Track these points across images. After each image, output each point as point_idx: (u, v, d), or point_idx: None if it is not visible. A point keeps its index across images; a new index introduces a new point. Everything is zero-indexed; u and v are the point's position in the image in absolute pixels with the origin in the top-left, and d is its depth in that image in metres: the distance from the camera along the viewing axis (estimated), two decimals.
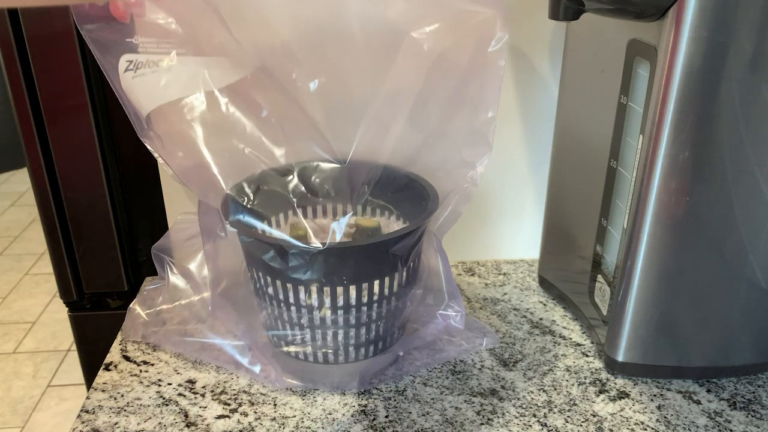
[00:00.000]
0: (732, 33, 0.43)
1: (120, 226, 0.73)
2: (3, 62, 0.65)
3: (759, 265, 0.51)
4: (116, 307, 0.76)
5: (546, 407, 0.52)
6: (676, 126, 0.46)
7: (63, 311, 0.76)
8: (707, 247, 0.50)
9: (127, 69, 0.51)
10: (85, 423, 0.50)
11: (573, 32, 0.58)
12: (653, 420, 0.51)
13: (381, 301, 0.52)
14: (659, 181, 0.48)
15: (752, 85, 0.45)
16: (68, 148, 0.68)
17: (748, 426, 0.50)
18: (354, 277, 0.50)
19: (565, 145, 0.62)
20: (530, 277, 0.71)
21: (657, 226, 0.49)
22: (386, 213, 0.59)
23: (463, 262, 0.74)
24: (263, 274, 0.51)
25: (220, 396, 0.53)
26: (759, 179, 0.48)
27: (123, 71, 0.51)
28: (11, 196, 2.70)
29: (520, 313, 0.65)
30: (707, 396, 0.53)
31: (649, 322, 0.53)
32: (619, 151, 0.53)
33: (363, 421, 0.50)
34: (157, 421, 0.50)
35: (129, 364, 0.57)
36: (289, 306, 0.51)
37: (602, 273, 0.57)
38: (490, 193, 0.71)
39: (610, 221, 0.55)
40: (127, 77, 0.51)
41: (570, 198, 0.62)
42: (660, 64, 0.45)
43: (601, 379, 0.55)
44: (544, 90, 0.67)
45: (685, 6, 0.43)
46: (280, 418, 0.51)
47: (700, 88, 0.45)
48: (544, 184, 0.66)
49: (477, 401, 0.53)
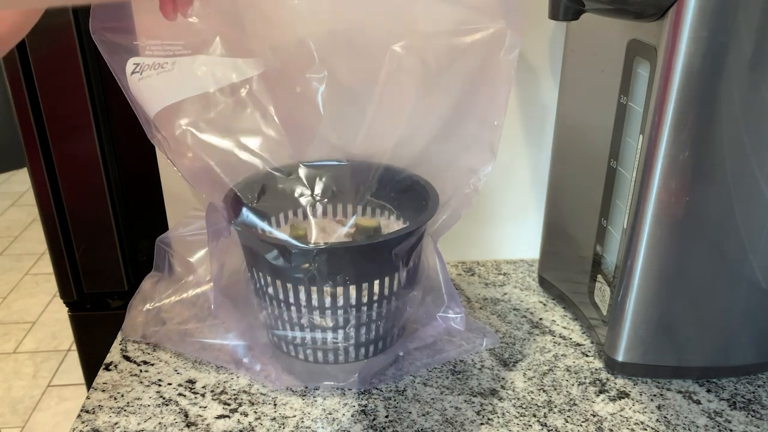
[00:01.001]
0: (732, 33, 0.43)
1: (120, 226, 0.73)
2: (3, 64, 0.65)
3: (759, 265, 0.50)
4: (116, 307, 0.76)
5: (546, 407, 0.52)
6: (676, 126, 0.46)
7: (63, 311, 0.76)
8: (707, 247, 0.50)
9: (134, 72, 0.51)
10: (85, 423, 0.50)
11: (573, 32, 0.58)
12: (653, 420, 0.51)
13: (381, 301, 0.52)
14: (659, 181, 0.48)
15: (752, 85, 0.45)
16: (68, 148, 0.68)
17: (748, 426, 0.50)
18: (354, 277, 0.50)
19: (565, 145, 0.62)
20: (530, 277, 0.71)
21: (657, 226, 0.49)
22: (386, 213, 0.59)
23: (463, 262, 0.74)
24: (263, 274, 0.51)
25: (220, 396, 0.53)
26: (759, 179, 0.48)
27: (130, 74, 0.51)
28: (11, 196, 2.70)
29: (520, 313, 0.65)
30: (707, 396, 0.53)
31: (649, 322, 0.53)
32: (619, 151, 0.53)
33: (363, 421, 0.50)
34: (157, 421, 0.50)
35: (129, 364, 0.57)
36: (290, 306, 0.51)
37: (602, 273, 0.57)
38: (491, 193, 0.71)
39: (610, 221, 0.55)
40: (134, 80, 0.51)
41: (570, 198, 0.62)
42: (660, 64, 0.45)
43: (601, 379, 0.55)
44: (544, 90, 0.67)
45: (685, 6, 0.43)
46: (280, 418, 0.51)
47: (700, 88, 0.45)
48: (544, 184, 0.66)
49: (477, 401, 0.53)
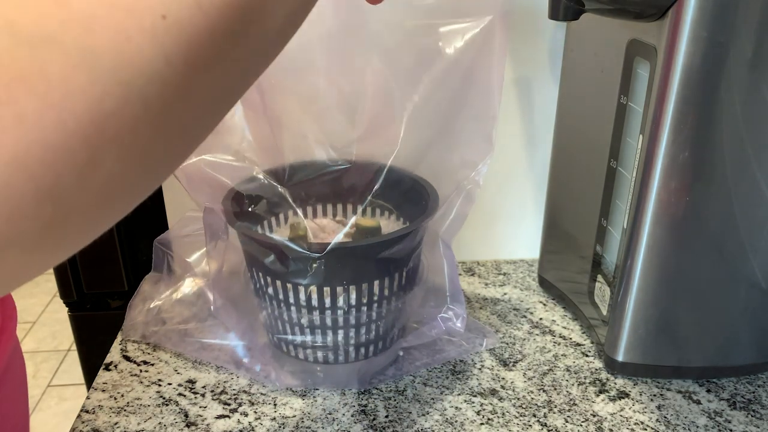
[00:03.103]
0: (732, 33, 0.43)
1: (120, 226, 0.73)
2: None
3: (759, 265, 0.50)
4: (116, 307, 0.76)
5: (546, 407, 0.52)
6: (675, 126, 0.46)
7: (63, 311, 0.76)
8: (707, 247, 0.50)
9: None
10: (85, 423, 0.50)
11: (573, 32, 0.58)
12: (653, 420, 0.51)
13: (381, 301, 0.52)
14: (659, 181, 0.48)
15: (752, 85, 0.45)
16: None
17: (748, 426, 0.50)
18: (354, 277, 0.50)
19: (565, 145, 0.62)
20: (530, 277, 0.71)
21: (657, 226, 0.49)
22: (386, 213, 0.59)
23: (463, 262, 0.74)
24: (263, 275, 0.51)
25: (220, 396, 0.53)
26: (759, 179, 0.48)
27: None
28: None
29: (520, 313, 0.65)
30: (707, 396, 0.53)
31: (649, 322, 0.53)
32: (619, 151, 0.53)
33: (363, 421, 0.50)
34: (157, 421, 0.50)
35: (129, 364, 0.57)
36: (289, 306, 0.51)
37: (602, 273, 0.57)
38: (491, 193, 0.71)
39: (610, 221, 0.55)
40: None
41: (570, 198, 0.62)
42: (660, 64, 0.45)
43: (601, 379, 0.55)
44: (544, 90, 0.67)
45: (684, 6, 0.43)
46: (280, 418, 0.51)
47: (700, 88, 0.45)
48: (544, 184, 0.66)
49: (477, 401, 0.53)
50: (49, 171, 0.19)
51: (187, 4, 0.20)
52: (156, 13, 0.20)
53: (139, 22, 0.20)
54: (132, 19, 0.19)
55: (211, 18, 0.21)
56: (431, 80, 0.53)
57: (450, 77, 0.53)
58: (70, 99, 0.18)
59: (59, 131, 0.18)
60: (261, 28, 0.23)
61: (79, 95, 0.19)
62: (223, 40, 0.21)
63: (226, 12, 0.21)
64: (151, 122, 0.21)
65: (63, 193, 0.19)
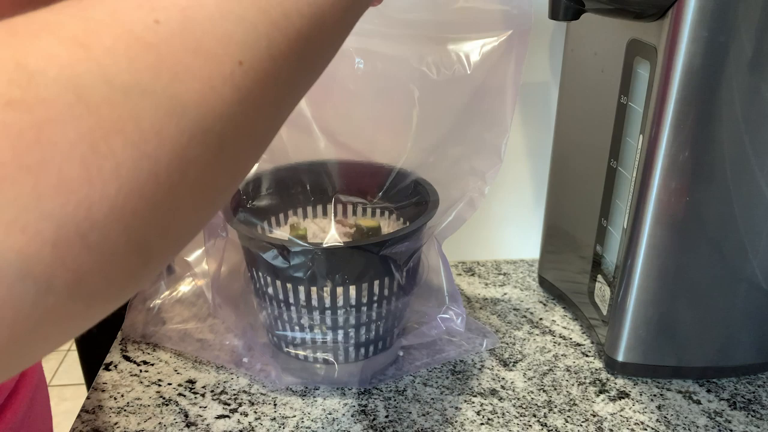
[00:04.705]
0: (732, 33, 0.43)
1: None
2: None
3: (759, 265, 0.50)
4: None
5: (546, 407, 0.52)
6: (675, 126, 0.46)
7: None
8: (707, 247, 0.50)
9: None
10: (85, 423, 0.50)
11: (573, 32, 0.58)
12: (653, 420, 0.51)
13: (381, 301, 0.52)
14: (659, 181, 0.48)
15: (752, 85, 0.45)
16: None
17: (748, 426, 0.50)
18: (353, 277, 0.50)
19: (565, 145, 0.62)
20: (530, 277, 0.71)
21: (657, 226, 0.49)
22: (386, 213, 0.59)
23: (463, 262, 0.74)
24: (263, 274, 0.51)
25: (220, 396, 0.53)
26: (759, 179, 0.48)
27: None
28: None
29: (520, 313, 0.65)
30: (707, 396, 0.53)
31: (649, 322, 0.53)
32: (619, 151, 0.53)
33: (363, 421, 0.50)
34: (157, 421, 0.50)
35: (129, 364, 0.57)
36: (289, 306, 0.51)
37: (602, 273, 0.57)
38: (491, 193, 0.71)
39: (610, 221, 0.55)
40: None
41: (570, 198, 0.62)
42: (660, 64, 0.45)
43: (601, 379, 0.55)
44: (544, 90, 0.67)
45: (685, 6, 0.43)
46: (280, 418, 0.51)
47: (700, 88, 0.45)
48: (544, 184, 0.66)
49: (477, 401, 0.53)
50: (140, 222, 0.18)
51: (258, 48, 0.20)
52: (234, 59, 0.20)
53: (220, 69, 0.20)
54: (214, 66, 0.19)
55: (277, 62, 0.21)
56: (445, 87, 0.53)
57: (465, 87, 0.54)
58: (162, 149, 0.18)
59: (152, 182, 0.18)
60: (317, 67, 0.25)
61: (169, 144, 0.18)
62: (285, 82, 0.22)
63: (289, 56, 0.22)
64: (223, 163, 0.21)
65: (149, 242, 0.19)
